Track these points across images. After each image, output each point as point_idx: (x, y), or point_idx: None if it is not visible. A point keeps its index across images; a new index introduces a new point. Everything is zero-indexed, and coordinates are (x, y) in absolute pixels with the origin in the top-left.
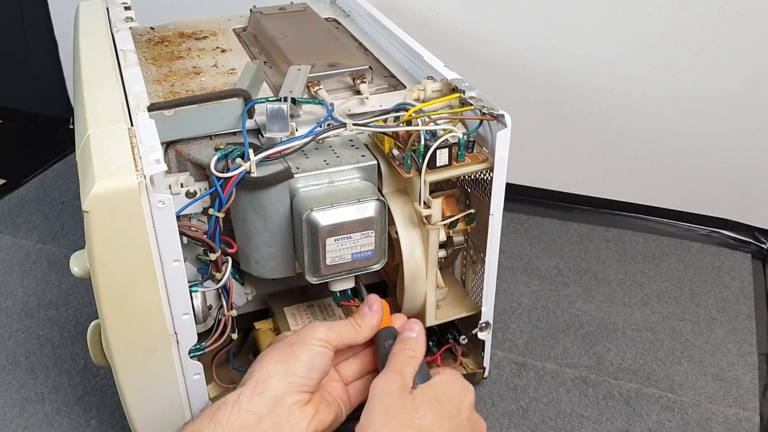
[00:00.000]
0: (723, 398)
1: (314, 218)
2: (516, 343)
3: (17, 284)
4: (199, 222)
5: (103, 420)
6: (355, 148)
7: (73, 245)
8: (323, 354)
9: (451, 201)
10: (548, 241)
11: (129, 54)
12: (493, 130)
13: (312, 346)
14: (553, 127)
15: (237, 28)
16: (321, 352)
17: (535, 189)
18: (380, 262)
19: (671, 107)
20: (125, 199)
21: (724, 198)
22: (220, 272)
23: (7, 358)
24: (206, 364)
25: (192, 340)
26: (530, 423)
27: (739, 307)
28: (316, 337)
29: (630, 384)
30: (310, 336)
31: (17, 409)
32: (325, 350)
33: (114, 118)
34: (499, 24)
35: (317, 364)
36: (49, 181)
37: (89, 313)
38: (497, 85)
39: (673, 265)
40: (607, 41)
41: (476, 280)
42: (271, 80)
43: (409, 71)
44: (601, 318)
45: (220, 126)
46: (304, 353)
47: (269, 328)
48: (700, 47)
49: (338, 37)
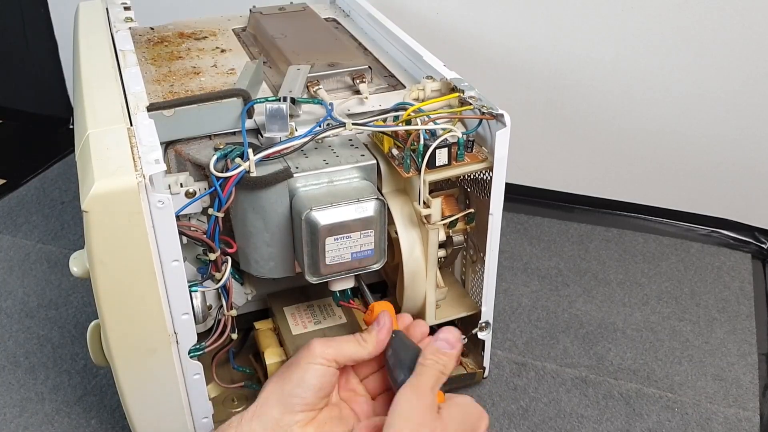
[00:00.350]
0: (723, 398)
1: (314, 218)
2: (516, 343)
3: (17, 284)
4: (198, 222)
5: (103, 420)
6: (355, 147)
7: (73, 245)
8: (319, 372)
9: (450, 200)
10: (548, 241)
11: (128, 54)
12: (492, 129)
13: (306, 365)
14: (553, 127)
15: (236, 28)
16: (316, 370)
17: (535, 189)
18: (380, 262)
19: (671, 107)
20: (125, 198)
21: (724, 198)
22: (219, 272)
23: (7, 358)
24: (206, 364)
25: (192, 340)
26: (530, 423)
27: (739, 307)
28: (310, 356)
29: (630, 384)
30: (305, 355)
31: (17, 409)
32: (320, 368)
33: (113, 118)
34: (499, 24)
35: (312, 383)
36: (49, 181)
37: (89, 313)
38: (497, 85)
39: (673, 265)
40: (607, 41)
41: (476, 280)
42: (270, 80)
43: (409, 71)
44: (601, 318)
45: (219, 126)
46: (297, 373)
47: (269, 328)
48: (700, 47)
49: (338, 37)
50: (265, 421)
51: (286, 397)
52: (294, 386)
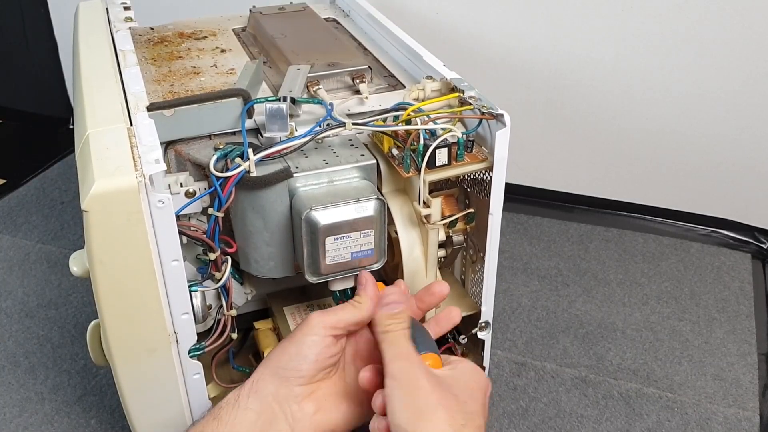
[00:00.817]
0: (723, 398)
1: (314, 217)
2: (516, 342)
3: (17, 284)
4: (198, 221)
5: (103, 420)
6: (355, 147)
7: (73, 245)
8: (315, 342)
9: (450, 200)
10: (548, 241)
11: (128, 54)
12: (492, 129)
13: (302, 337)
14: (553, 127)
15: (236, 28)
16: (312, 341)
17: (535, 189)
18: (380, 262)
19: (671, 107)
20: (124, 198)
21: (724, 198)
22: (219, 272)
23: (7, 358)
24: (206, 364)
25: (192, 339)
26: (530, 423)
27: (739, 307)
28: (307, 327)
29: (630, 384)
30: (301, 327)
31: (17, 409)
32: (316, 338)
33: (113, 118)
34: (499, 24)
35: (307, 354)
36: (49, 181)
37: (89, 313)
38: (497, 85)
39: (673, 265)
40: (607, 41)
41: (476, 280)
42: (270, 80)
43: (409, 71)
44: (600, 318)
45: (219, 126)
46: (293, 346)
47: (269, 327)
48: (700, 47)
49: (337, 36)
50: (262, 397)
51: (281, 370)
52: (289, 359)
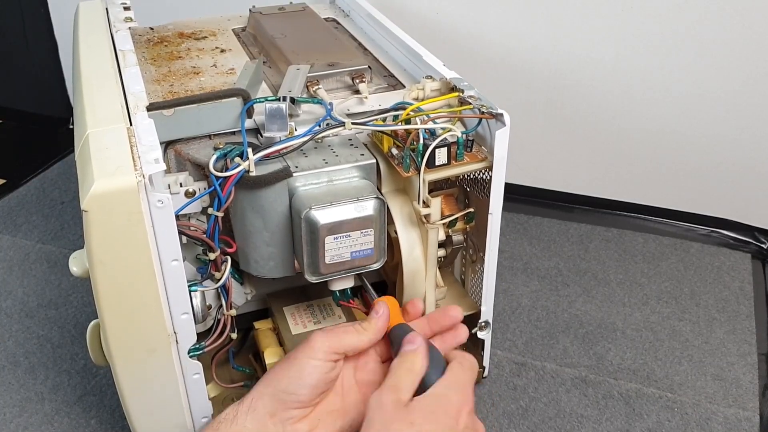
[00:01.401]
0: (723, 398)
1: (313, 216)
2: (516, 342)
3: (17, 284)
4: (198, 221)
5: (103, 420)
6: (354, 147)
7: (73, 245)
8: (317, 368)
9: (450, 200)
10: (548, 241)
11: (128, 54)
12: (492, 128)
13: (305, 360)
14: (553, 127)
15: (236, 28)
16: (315, 366)
17: (535, 189)
18: (379, 261)
19: (671, 107)
20: (124, 198)
21: (724, 198)
22: (219, 272)
23: (7, 358)
24: (206, 364)
25: (191, 339)
26: (530, 423)
27: (739, 307)
28: (310, 350)
29: (630, 384)
30: (304, 349)
31: (17, 409)
32: (318, 363)
33: (113, 118)
34: (499, 24)
35: (308, 381)
36: (49, 181)
37: (89, 313)
38: (497, 85)
39: (673, 265)
40: (607, 41)
41: (476, 280)
42: (270, 80)
43: (408, 71)
44: (600, 318)
45: (219, 125)
46: (294, 369)
47: (269, 327)
48: (700, 47)
49: (337, 36)
50: (259, 417)
51: (280, 393)
52: (289, 383)
